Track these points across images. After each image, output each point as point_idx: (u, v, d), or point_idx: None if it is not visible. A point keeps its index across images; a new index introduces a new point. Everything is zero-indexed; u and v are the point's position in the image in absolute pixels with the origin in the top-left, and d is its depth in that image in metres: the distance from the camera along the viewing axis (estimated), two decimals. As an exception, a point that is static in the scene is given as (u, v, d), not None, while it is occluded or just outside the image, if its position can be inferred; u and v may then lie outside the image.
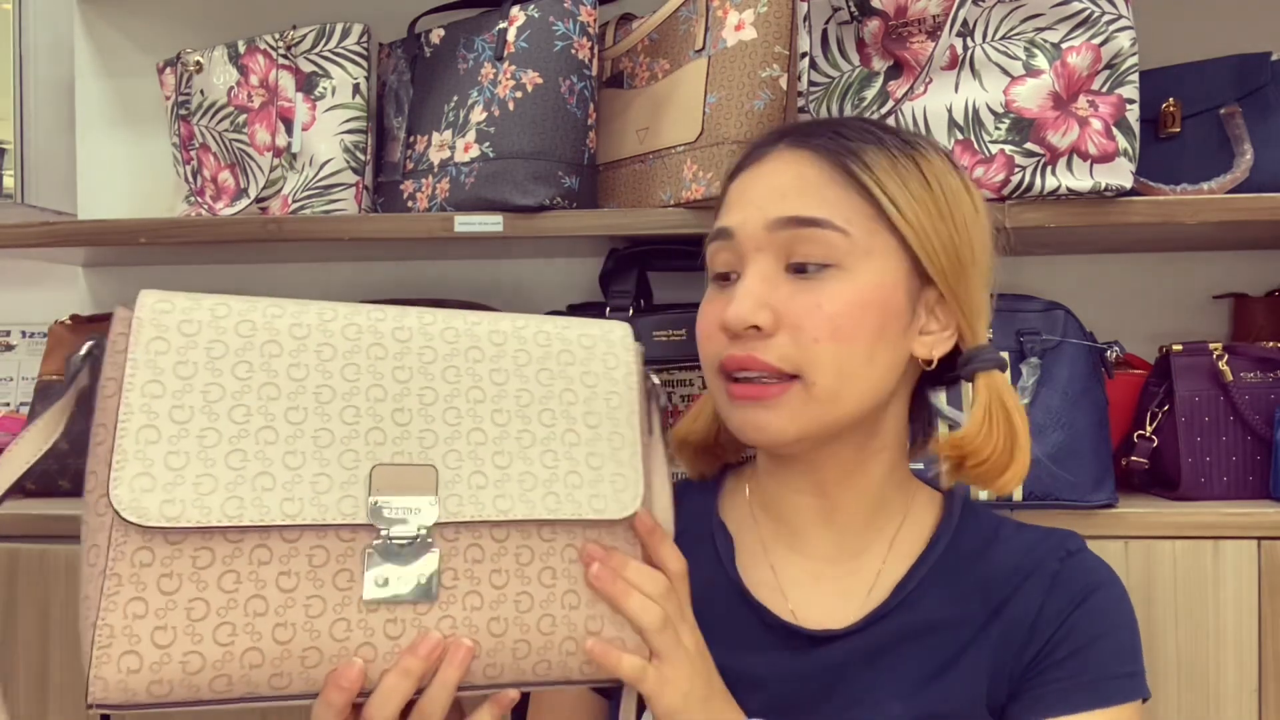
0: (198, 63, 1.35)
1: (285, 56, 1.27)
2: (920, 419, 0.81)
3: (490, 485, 0.60)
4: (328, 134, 1.26)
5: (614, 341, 0.66)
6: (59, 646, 1.16)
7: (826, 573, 0.75)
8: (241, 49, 1.31)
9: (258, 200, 1.29)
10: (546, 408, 0.64)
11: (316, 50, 1.27)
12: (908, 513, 0.76)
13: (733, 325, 0.67)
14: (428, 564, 0.58)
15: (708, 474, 0.83)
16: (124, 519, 0.54)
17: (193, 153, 1.39)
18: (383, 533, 0.57)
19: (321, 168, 1.26)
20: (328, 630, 0.56)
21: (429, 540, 0.58)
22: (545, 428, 0.63)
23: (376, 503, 0.57)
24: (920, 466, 0.83)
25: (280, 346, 0.58)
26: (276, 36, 1.28)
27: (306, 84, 1.27)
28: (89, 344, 0.58)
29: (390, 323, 0.61)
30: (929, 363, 0.72)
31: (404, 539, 0.58)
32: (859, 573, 0.75)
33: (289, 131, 1.27)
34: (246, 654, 0.55)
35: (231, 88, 1.32)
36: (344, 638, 0.57)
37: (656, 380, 0.68)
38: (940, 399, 1.00)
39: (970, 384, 0.73)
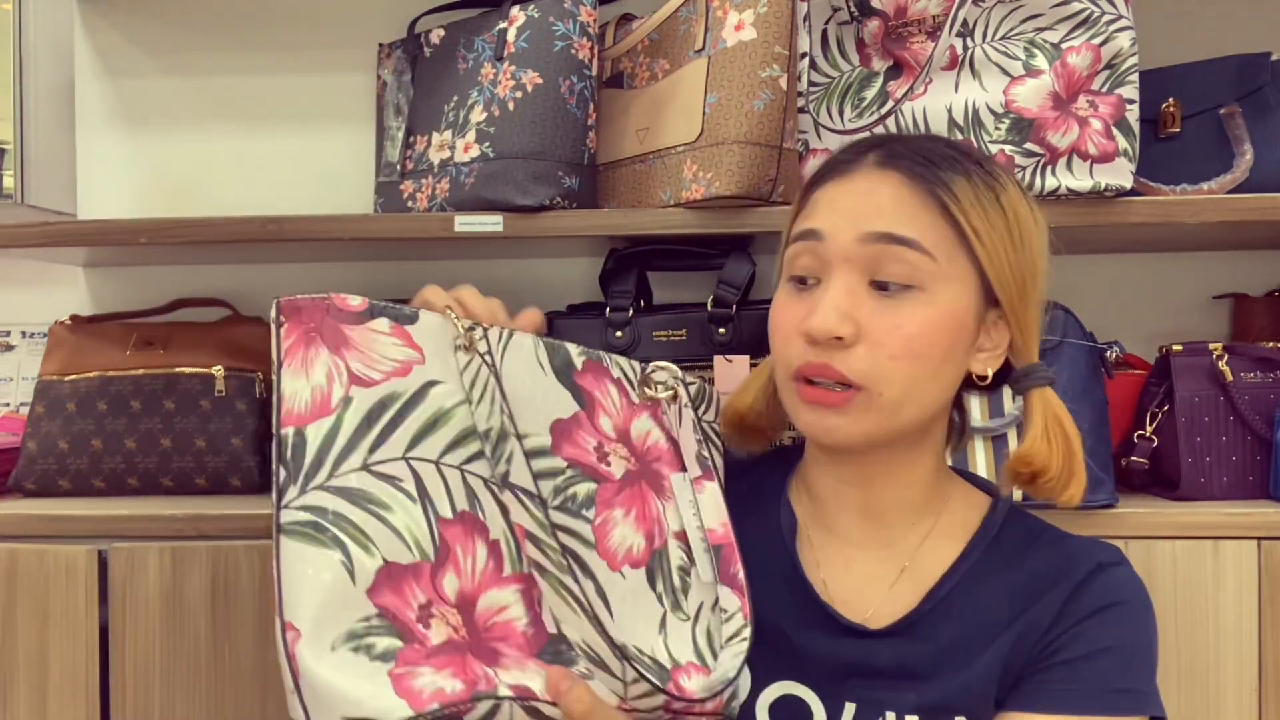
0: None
1: None
2: (955, 419, 0.85)
3: None
4: None
5: None
6: (59, 646, 1.16)
7: (858, 557, 0.79)
8: None
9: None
10: None
11: None
12: (944, 509, 0.79)
13: (818, 335, 0.71)
14: None
15: (755, 450, 0.86)
16: None
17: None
18: None
19: None
20: None
21: None
22: None
23: None
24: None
25: None
26: None
27: None
28: None
29: None
30: (983, 378, 0.76)
31: None
32: (888, 561, 0.78)
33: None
34: None
35: None
36: None
37: None
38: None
39: (1022, 399, 0.77)
